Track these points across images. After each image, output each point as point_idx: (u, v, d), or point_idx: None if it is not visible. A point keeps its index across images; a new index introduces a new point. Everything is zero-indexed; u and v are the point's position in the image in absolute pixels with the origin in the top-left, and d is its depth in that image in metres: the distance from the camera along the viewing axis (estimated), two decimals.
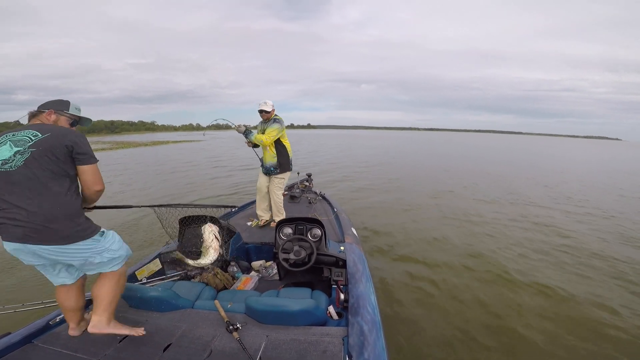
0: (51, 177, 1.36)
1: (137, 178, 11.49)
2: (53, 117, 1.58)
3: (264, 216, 3.83)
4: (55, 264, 1.48)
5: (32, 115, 1.59)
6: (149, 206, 2.39)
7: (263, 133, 3.56)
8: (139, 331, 1.56)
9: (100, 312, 1.51)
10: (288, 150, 3.74)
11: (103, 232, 1.51)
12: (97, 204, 1.72)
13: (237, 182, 9.85)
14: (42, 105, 1.62)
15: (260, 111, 3.56)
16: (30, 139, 1.39)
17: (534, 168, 15.26)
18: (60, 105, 1.61)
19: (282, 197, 3.87)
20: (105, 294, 1.53)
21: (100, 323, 1.50)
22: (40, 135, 1.40)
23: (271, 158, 3.68)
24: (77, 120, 1.68)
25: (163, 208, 2.44)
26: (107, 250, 1.49)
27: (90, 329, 1.49)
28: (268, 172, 3.76)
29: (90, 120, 1.75)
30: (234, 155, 19.02)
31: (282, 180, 3.80)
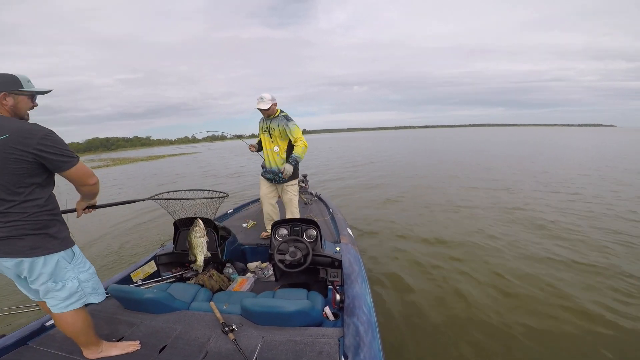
0: (11, 191, 1.19)
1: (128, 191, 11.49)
2: (9, 101, 1.25)
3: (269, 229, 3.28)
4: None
5: None
6: (148, 199, 2.49)
7: (268, 131, 3.14)
8: (133, 346, 1.51)
9: (82, 346, 1.44)
10: None
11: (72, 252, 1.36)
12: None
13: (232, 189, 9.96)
14: None
15: (259, 110, 3.08)
16: None
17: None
18: (9, 84, 1.26)
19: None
20: (70, 334, 1.41)
21: (90, 353, 1.44)
22: None
23: (281, 163, 3.14)
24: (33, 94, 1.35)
25: (160, 198, 2.58)
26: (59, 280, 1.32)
27: (85, 356, 1.44)
28: (276, 178, 3.24)
29: (49, 90, 1.40)
30: (225, 164, 19.47)
31: (295, 187, 3.34)
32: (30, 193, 1.23)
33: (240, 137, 3.42)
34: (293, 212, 3.37)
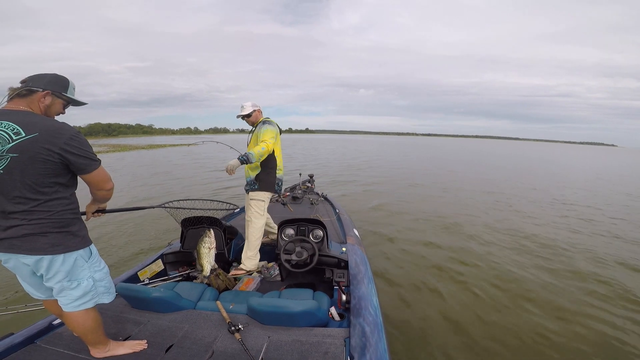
0: (36, 191, 1.18)
1: (126, 180, 11.55)
2: (47, 100, 1.28)
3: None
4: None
5: (17, 95, 1.24)
6: (158, 206, 2.48)
7: (250, 140, 2.84)
8: (140, 345, 1.51)
9: (90, 345, 1.45)
10: (278, 162, 2.79)
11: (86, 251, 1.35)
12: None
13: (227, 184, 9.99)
14: (32, 79, 1.27)
15: (241, 117, 2.82)
16: (10, 137, 1.12)
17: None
18: (58, 85, 1.30)
19: (262, 231, 2.76)
20: (80, 333, 1.42)
21: (97, 352, 1.44)
22: (24, 135, 1.13)
23: (253, 170, 2.77)
24: (69, 102, 1.39)
25: (170, 207, 2.58)
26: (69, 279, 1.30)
27: (93, 355, 1.45)
28: (248, 189, 2.84)
29: (84, 102, 1.46)
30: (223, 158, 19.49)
31: (261, 203, 2.73)
32: (54, 192, 1.22)
33: (242, 130, 3.28)
34: (250, 236, 2.70)
